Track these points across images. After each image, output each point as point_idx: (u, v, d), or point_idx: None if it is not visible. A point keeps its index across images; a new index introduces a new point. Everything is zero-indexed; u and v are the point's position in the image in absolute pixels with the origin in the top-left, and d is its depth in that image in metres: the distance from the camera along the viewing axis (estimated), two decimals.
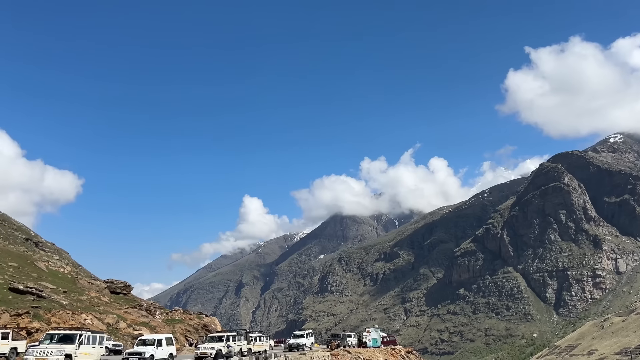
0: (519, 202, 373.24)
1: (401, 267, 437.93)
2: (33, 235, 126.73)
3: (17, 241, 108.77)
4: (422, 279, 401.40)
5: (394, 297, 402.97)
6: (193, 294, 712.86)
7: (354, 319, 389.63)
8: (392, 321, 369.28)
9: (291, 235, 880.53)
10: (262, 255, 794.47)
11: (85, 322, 55.78)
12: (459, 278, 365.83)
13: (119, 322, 62.94)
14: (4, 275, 62.76)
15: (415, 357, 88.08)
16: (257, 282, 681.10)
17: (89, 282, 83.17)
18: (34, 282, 64.55)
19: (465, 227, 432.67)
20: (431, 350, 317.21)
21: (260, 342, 54.85)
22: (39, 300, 56.58)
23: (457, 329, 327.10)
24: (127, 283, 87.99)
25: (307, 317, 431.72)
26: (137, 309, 73.34)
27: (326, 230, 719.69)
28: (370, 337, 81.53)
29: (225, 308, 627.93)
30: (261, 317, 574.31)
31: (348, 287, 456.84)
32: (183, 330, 71.83)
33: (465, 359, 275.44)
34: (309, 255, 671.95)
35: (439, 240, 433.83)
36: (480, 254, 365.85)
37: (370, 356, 67.90)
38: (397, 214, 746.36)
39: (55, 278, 75.50)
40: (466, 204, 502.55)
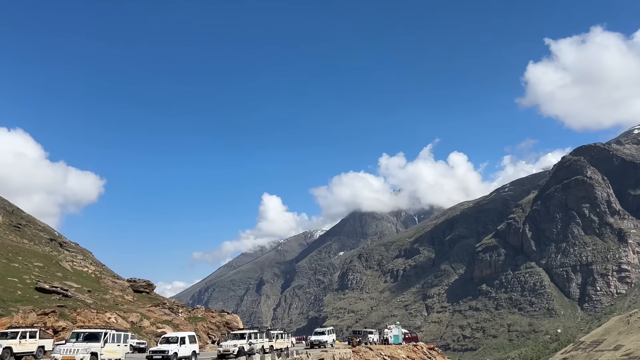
0: (541, 196, 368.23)
1: (422, 263, 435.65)
2: (57, 236, 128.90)
3: (42, 242, 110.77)
4: (443, 275, 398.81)
5: (414, 294, 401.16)
6: (214, 291, 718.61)
7: (375, 315, 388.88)
8: (413, 318, 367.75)
9: (310, 233, 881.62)
10: (282, 252, 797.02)
11: (110, 320, 56.57)
12: (481, 274, 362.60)
13: (142, 320, 63.68)
14: (30, 275, 63.97)
15: (437, 353, 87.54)
16: (277, 279, 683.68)
17: (113, 281, 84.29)
18: (60, 281, 65.65)
19: (486, 222, 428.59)
20: (453, 346, 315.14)
21: (282, 340, 54.97)
22: (64, 300, 57.53)
23: (480, 325, 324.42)
24: (149, 282, 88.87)
25: (328, 314, 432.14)
26: (160, 307, 74.09)
27: (345, 227, 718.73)
28: (391, 334, 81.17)
29: (246, 305, 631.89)
30: (282, 315, 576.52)
31: (368, 283, 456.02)
32: (205, 328, 72.38)
33: (488, 355, 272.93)
34: (328, 253, 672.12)
35: (459, 235, 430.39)
36: (502, 249, 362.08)
37: (392, 353, 67.64)
38: (417, 210, 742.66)
39: (80, 277, 76.70)
40: (487, 199, 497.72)
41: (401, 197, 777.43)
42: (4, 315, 46.04)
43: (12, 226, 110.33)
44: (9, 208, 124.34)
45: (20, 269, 65.58)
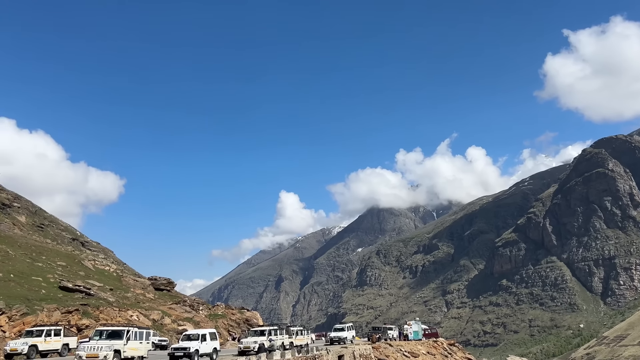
0: (562, 190, 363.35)
1: (441, 259, 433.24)
2: (79, 235, 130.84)
3: (64, 241, 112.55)
4: (463, 270, 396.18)
5: (434, 290, 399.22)
6: (234, 289, 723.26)
7: (394, 311, 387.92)
8: (433, 313, 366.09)
9: (328, 230, 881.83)
10: (300, 249, 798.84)
11: (132, 318, 57.31)
12: (501, 269, 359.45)
13: (163, 318, 64.38)
14: (54, 274, 65.05)
15: (458, 349, 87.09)
16: (296, 276, 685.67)
17: (134, 279, 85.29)
18: (82, 280, 66.65)
19: (506, 216, 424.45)
20: (474, 342, 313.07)
21: (302, 336, 55.16)
22: (87, 298, 58.39)
23: (500, 321, 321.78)
24: (170, 280, 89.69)
25: (347, 310, 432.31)
26: (181, 305, 74.84)
27: (363, 223, 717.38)
28: (411, 330, 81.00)
29: (265, 302, 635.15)
30: (301, 311, 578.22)
31: (387, 280, 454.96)
32: (226, 325, 72.94)
33: (510, 350, 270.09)
34: (346, 249, 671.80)
35: (479, 231, 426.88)
36: (522, 243, 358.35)
37: (412, 349, 67.47)
38: (435, 205, 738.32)
39: (102, 276, 77.77)
40: (506, 193, 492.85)
41: (419, 193, 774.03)
42: (29, 314, 46.90)
43: (36, 226, 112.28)
44: (32, 208, 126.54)
45: (44, 269, 66.73)
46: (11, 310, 45.70)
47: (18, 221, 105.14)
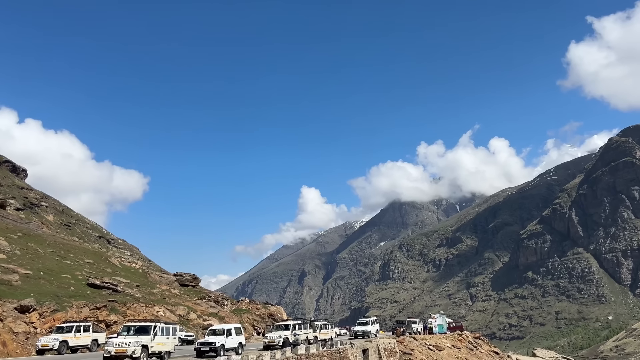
0: (588, 180, 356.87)
1: (464, 251, 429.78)
2: (105, 233, 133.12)
3: (91, 239, 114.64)
4: (487, 263, 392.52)
5: (458, 283, 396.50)
6: (258, 284, 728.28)
7: (418, 305, 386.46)
8: (457, 307, 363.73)
9: (350, 224, 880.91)
10: (322, 244, 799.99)
11: (158, 314, 58.09)
12: (526, 261, 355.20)
13: (189, 313, 65.12)
14: (81, 271, 66.31)
15: (483, 342, 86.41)
16: (319, 271, 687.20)
17: (160, 275, 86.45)
18: (109, 277, 67.80)
19: (530, 208, 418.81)
20: (499, 335, 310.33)
21: (326, 330, 55.20)
22: (114, 295, 59.38)
23: (526, 313, 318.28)
24: (195, 275, 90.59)
25: (371, 304, 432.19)
26: (206, 300, 75.57)
27: (385, 217, 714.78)
28: (436, 324, 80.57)
29: (289, 297, 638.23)
30: (325, 305, 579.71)
31: (410, 273, 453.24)
32: (250, 320, 73.44)
33: (536, 343, 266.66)
34: (369, 243, 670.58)
35: (503, 223, 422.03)
36: (548, 235, 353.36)
37: (437, 342, 67.15)
38: (458, 198, 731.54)
39: (128, 273, 78.98)
40: (531, 185, 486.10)
41: (441, 186, 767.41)
42: (59, 310, 47.90)
43: (63, 225, 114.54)
44: (59, 207, 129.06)
45: (72, 266, 68.06)
46: (42, 307, 46.75)
47: (46, 220, 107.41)
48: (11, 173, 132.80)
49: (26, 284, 51.62)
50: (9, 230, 73.60)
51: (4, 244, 63.26)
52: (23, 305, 45.19)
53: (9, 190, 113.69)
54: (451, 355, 65.53)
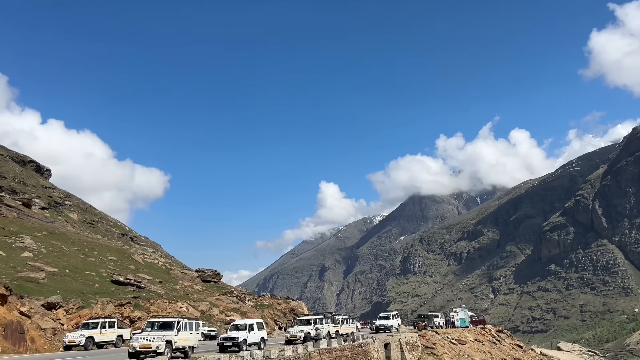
0: (611, 171, 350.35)
1: (486, 245, 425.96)
2: (128, 231, 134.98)
3: (114, 237, 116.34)
4: (509, 256, 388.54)
5: (480, 276, 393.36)
6: (279, 279, 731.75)
7: (440, 299, 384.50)
8: (479, 300, 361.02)
9: (370, 219, 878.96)
10: (342, 239, 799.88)
11: (181, 309, 58.78)
12: (549, 253, 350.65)
13: (211, 309, 65.76)
14: (105, 268, 67.38)
15: (506, 335, 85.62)
16: (339, 265, 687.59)
17: (182, 272, 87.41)
18: (133, 274, 68.76)
19: (553, 200, 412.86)
20: (523, 328, 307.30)
21: (347, 325, 55.21)
22: (138, 291, 60.21)
23: (550, 306, 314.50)
24: (216, 271, 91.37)
25: (392, 298, 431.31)
26: (228, 296, 76.24)
27: (405, 211, 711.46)
28: (458, 317, 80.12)
29: (310, 292, 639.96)
30: (345, 300, 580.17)
31: (431, 267, 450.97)
32: (272, 315, 73.91)
33: (560, 336, 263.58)
34: (389, 238, 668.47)
35: (525, 215, 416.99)
36: (571, 227, 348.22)
37: (459, 336, 66.77)
38: (479, 190, 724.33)
39: (151, 269, 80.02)
40: (553, 176, 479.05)
41: (461, 179, 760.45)
42: (85, 307, 48.75)
43: (87, 223, 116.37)
44: (82, 206, 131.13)
45: (96, 263, 69.16)
46: (68, 304, 47.63)
47: (70, 218, 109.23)
48: (36, 173, 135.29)
49: (52, 282, 52.64)
50: (34, 229, 75.08)
51: (30, 242, 64.57)
52: (50, 302, 46.12)
53: (34, 189, 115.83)
54: (474, 349, 65.10)
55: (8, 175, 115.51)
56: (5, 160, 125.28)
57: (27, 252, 60.43)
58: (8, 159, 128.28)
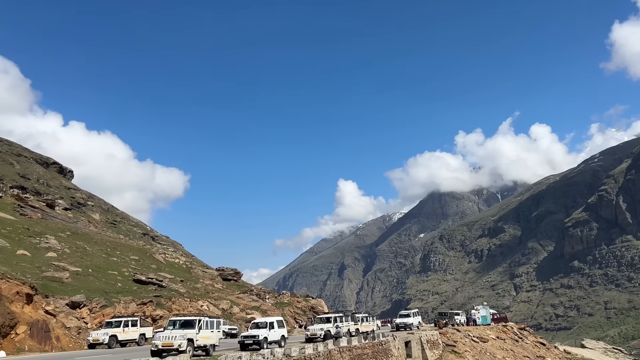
0: (636, 165, 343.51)
1: (507, 241, 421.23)
2: (149, 230, 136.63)
3: (136, 236, 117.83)
4: (531, 252, 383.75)
5: (501, 273, 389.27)
6: (298, 277, 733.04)
7: (460, 297, 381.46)
8: (501, 298, 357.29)
9: (389, 216, 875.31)
10: (361, 237, 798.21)
11: (202, 308, 59.29)
12: (572, 250, 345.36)
13: (232, 307, 66.21)
14: (128, 268, 68.27)
15: (529, 333, 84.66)
16: (358, 263, 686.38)
17: (203, 270, 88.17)
18: (154, 273, 69.57)
19: (575, 195, 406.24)
20: (545, 326, 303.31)
21: (367, 323, 55.17)
22: (159, 290, 60.90)
23: (573, 303, 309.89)
24: (237, 270, 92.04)
25: (412, 296, 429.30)
26: (248, 294, 76.68)
27: (424, 208, 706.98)
28: (479, 315, 79.48)
29: (329, 290, 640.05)
30: (365, 298, 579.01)
31: (452, 265, 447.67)
32: (292, 313, 74.15)
33: (585, 334, 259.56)
34: (408, 235, 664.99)
35: (547, 211, 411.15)
36: (594, 223, 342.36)
37: (481, 334, 66.24)
38: (499, 187, 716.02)
39: (172, 268, 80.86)
40: (575, 171, 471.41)
41: (482, 175, 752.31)
42: (108, 306, 49.48)
43: (109, 223, 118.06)
44: (104, 206, 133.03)
45: (118, 263, 70.12)
46: (91, 303, 48.40)
47: (93, 219, 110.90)
48: (59, 174, 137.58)
49: (76, 281, 53.51)
50: (58, 229, 76.39)
51: (54, 242, 65.72)
52: (74, 301, 46.91)
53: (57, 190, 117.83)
54: (496, 346, 64.51)
55: (32, 177, 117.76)
56: (29, 162, 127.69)
57: (52, 252, 61.52)
58: (32, 160, 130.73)
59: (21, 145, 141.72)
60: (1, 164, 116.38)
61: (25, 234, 65.22)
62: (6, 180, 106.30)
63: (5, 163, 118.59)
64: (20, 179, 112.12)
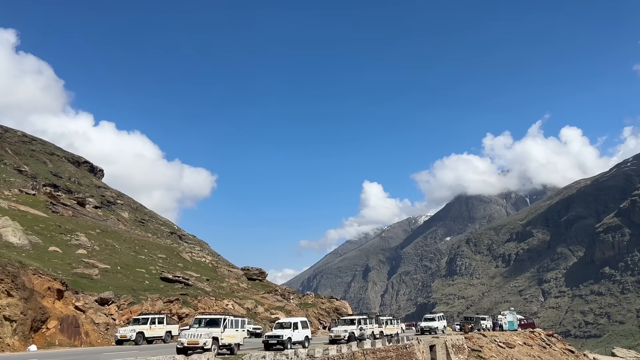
0: None
1: (536, 246, 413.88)
2: (177, 229, 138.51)
3: (163, 235, 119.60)
4: (560, 258, 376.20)
5: (529, 279, 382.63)
6: (322, 278, 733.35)
7: (487, 301, 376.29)
8: (528, 303, 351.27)
9: (414, 219, 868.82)
10: (386, 239, 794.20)
11: (227, 307, 59.81)
12: (603, 256, 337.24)
13: (257, 306, 66.61)
14: (155, 266, 69.31)
15: (557, 340, 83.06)
16: (383, 266, 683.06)
17: (228, 270, 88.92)
18: (181, 271, 70.47)
19: (607, 200, 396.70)
20: (574, 333, 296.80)
21: (391, 325, 54.91)
22: (186, 288, 61.64)
23: (604, 311, 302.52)
24: (262, 270, 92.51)
25: (437, 300, 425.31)
26: (273, 294, 77.03)
27: (451, 211, 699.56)
28: (505, 320, 78.43)
29: (354, 292, 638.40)
30: (390, 301, 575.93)
31: (478, 269, 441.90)
32: (316, 314, 74.18)
33: (615, 342, 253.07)
34: (434, 238, 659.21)
35: (577, 216, 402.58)
36: (627, 228, 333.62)
37: (507, 339, 65.25)
38: (528, 190, 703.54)
39: (199, 267, 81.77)
40: (607, 175, 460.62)
41: (510, 178, 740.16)
42: (135, 303, 50.29)
43: (137, 221, 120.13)
44: (133, 205, 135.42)
45: (146, 261, 71.24)
46: (119, 300, 49.28)
47: (122, 217, 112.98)
48: (89, 173, 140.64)
49: (105, 278, 54.57)
50: (88, 227, 78.06)
51: (84, 240, 67.17)
52: (103, 298, 47.85)
53: (87, 189, 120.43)
54: (522, 352, 63.44)
55: (64, 176, 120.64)
56: (61, 161, 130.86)
57: (82, 250, 62.88)
58: (64, 159, 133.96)
59: (54, 145, 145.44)
60: (35, 163, 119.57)
61: (56, 231, 66.80)
62: (39, 178, 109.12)
63: (38, 162, 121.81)
64: (52, 177, 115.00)
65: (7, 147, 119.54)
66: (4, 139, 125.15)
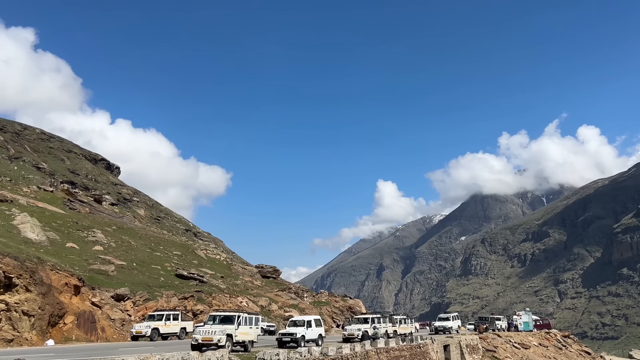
0: None
1: (552, 246, 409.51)
2: (192, 227, 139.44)
3: (179, 232, 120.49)
4: (577, 258, 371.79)
5: (545, 279, 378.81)
6: (336, 277, 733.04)
7: (502, 301, 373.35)
8: (544, 304, 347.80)
9: (429, 218, 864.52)
10: (400, 238, 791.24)
11: (242, 304, 60.05)
12: (621, 257, 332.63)
13: (270, 304, 66.82)
14: (170, 263, 69.84)
15: (573, 341, 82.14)
16: (397, 265, 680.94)
17: (242, 267, 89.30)
18: (196, 268, 70.94)
19: (625, 200, 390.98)
20: (591, 334, 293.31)
21: (405, 325, 54.67)
22: (200, 285, 62.04)
23: (621, 312, 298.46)
24: (276, 268, 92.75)
25: (452, 300, 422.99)
26: (286, 292, 77.18)
27: (466, 211, 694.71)
28: (521, 321, 77.73)
29: (367, 291, 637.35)
30: (404, 300, 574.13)
31: (493, 269, 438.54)
32: (329, 312, 74.16)
33: (633, 344, 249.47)
34: (449, 238, 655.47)
35: (594, 216, 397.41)
36: None
37: (522, 340, 64.69)
38: (545, 190, 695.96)
39: (213, 264, 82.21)
40: (625, 175, 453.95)
41: (526, 178, 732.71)
42: (151, 299, 50.76)
43: (153, 219, 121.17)
44: (149, 202, 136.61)
45: (161, 258, 71.82)
46: (135, 296, 49.77)
47: (138, 214, 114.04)
48: (106, 170, 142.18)
49: (121, 274, 55.15)
50: (105, 223, 78.90)
51: (101, 236, 67.93)
52: (119, 294, 48.38)
53: (104, 186, 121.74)
54: (538, 353, 62.86)
55: (81, 173, 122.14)
56: (79, 159, 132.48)
57: (98, 246, 63.60)
58: (81, 157, 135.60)
59: (72, 142, 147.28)
60: (53, 160, 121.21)
61: (74, 227, 67.62)
62: (57, 175, 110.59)
63: (56, 159, 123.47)
64: (70, 174, 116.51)
65: (26, 144, 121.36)
66: (23, 136, 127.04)
